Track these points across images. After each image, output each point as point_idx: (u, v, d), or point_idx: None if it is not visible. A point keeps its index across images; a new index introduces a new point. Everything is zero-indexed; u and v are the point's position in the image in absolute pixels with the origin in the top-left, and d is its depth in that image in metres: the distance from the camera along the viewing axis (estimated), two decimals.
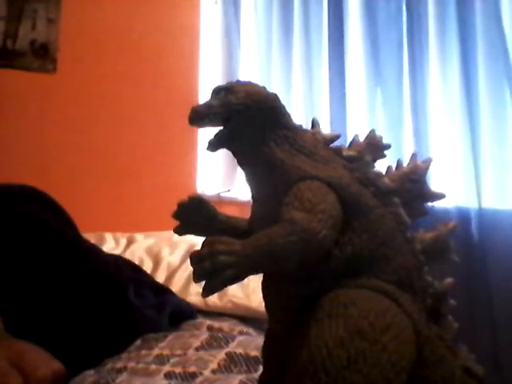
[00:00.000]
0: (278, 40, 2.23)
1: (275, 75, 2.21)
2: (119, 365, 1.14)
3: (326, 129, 0.72)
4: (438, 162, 1.90)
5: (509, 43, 1.86)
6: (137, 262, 1.71)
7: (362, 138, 0.70)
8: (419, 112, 1.97)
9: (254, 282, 1.44)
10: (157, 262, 1.75)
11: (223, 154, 2.14)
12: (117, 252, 1.78)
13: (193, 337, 1.27)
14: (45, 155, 2.03)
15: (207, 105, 0.64)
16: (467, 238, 1.87)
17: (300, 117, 2.05)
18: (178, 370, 1.08)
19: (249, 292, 1.55)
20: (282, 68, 2.22)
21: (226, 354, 1.14)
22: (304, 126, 0.70)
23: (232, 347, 1.18)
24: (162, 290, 1.46)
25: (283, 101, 0.68)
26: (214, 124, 0.65)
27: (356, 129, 2.02)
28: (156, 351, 1.19)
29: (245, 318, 1.51)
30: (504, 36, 1.85)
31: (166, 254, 1.79)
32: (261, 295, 0.70)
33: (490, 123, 1.89)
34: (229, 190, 2.23)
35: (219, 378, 1.03)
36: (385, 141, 0.71)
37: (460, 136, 1.92)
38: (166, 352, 1.18)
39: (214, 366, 1.09)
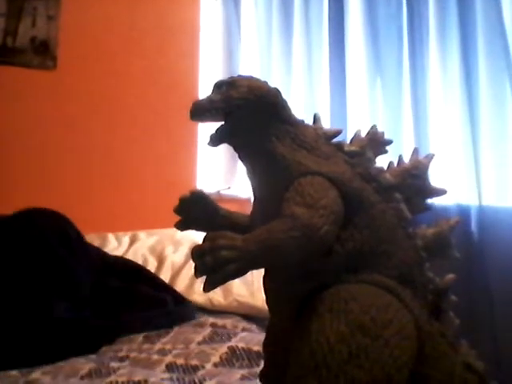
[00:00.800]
0: (278, 36, 2.22)
1: (275, 71, 2.21)
2: (121, 353, 1.15)
3: (325, 123, 0.71)
4: (438, 158, 1.88)
5: (509, 33, 1.85)
6: (140, 261, 1.70)
7: (363, 133, 0.70)
8: (419, 108, 1.97)
9: (259, 280, 1.43)
10: (161, 261, 1.74)
11: (223, 151, 2.14)
12: (120, 251, 1.78)
13: (195, 333, 1.28)
14: (45, 152, 2.02)
15: (209, 99, 0.64)
16: (467, 236, 1.86)
17: (300, 111, 2.05)
18: (179, 361, 1.09)
19: (253, 290, 1.54)
20: (282, 64, 2.21)
21: (229, 347, 1.14)
22: (305, 121, 0.69)
23: (234, 342, 1.18)
24: (157, 301, 1.43)
25: (284, 96, 0.67)
26: (215, 119, 0.65)
27: (356, 123, 2.01)
28: (158, 345, 1.20)
29: (249, 315, 1.50)
30: (504, 25, 1.84)
31: (170, 253, 1.78)
32: None
33: (491, 119, 1.88)
34: (229, 188, 2.23)
35: (221, 371, 1.04)
36: (386, 136, 0.71)
37: (460, 132, 1.91)
38: (168, 347, 1.19)
39: (216, 359, 1.09)
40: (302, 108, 2.13)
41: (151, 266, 1.70)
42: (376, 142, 0.69)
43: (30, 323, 1.18)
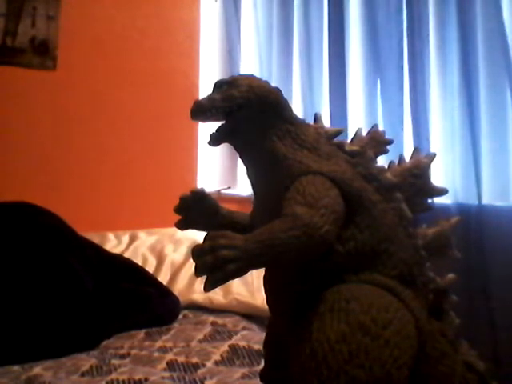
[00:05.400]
0: (277, 36, 2.22)
1: (275, 71, 2.21)
2: (122, 351, 1.15)
3: (326, 123, 0.71)
4: (438, 157, 1.87)
5: (508, 33, 1.85)
6: (140, 260, 1.70)
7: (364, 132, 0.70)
8: (419, 107, 1.96)
9: (259, 279, 1.43)
10: (160, 260, 1.74)
11: (224, 151, 2.13)
12: (119, 250, 1.77)
13: (196, 330, 1.28)
14: (45, 152, 2.02)
15: (209, 98, 0.64)
16: (466, 235, 1.86)
17: (300, 111, 2.04)
18: (180, 359, 1.08)
19: (253, 290, 1.55)
20: (281, 65, 2.21)
21: (229, 346, 1.14)
22: (306, 121, 0.69)
23: (235, 340, 1.18)
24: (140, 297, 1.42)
25: (284, 95, 0.67)
26: (215, 118, 0.65)
27: (357, 123, 2.00)
28: (159, 343, 1.20)
29: (249, 315, 1.50)
30: (503, 26, 1.83)
31: (170, 251, 1.78)
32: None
33: (491, 118, 1.88)
34: (229, 188, 2.23)
35: (222, 370, 1.03)
36: (387, 136, 0.71)
37: (460, 131, 1.91)
38: (169, 344, 1.19)
39: (216, 357, 1.09)
40: (301, 108, 2.13)
41: (151, 265, 1.70)
42: (377, 142, 0.69)
43: (30, 318, 1.18)
